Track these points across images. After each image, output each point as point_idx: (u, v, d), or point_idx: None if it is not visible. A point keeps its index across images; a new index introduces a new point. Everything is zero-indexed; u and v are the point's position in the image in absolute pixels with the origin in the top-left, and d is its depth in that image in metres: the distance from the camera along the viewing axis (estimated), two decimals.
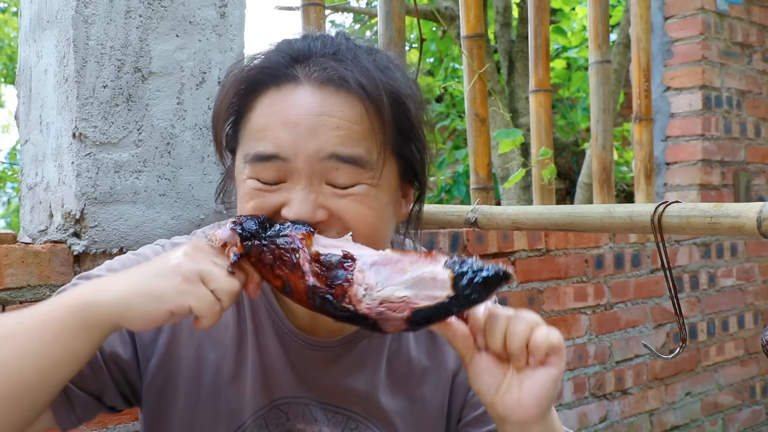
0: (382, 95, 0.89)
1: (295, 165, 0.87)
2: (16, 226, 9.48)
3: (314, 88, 0.88)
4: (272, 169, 0.88)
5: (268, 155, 0.88)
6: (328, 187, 0.88)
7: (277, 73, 0.90)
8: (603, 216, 1.24)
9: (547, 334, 0.81)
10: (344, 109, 0.88)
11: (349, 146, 0.87)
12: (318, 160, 0.87)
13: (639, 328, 2.66)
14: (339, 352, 1.00)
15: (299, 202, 0.86)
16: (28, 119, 1.54)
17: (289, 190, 0.88)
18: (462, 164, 5.44)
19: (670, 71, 3.06)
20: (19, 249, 1.33)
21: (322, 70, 0.89)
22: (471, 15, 1.83)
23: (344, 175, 0.88)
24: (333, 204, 0.88)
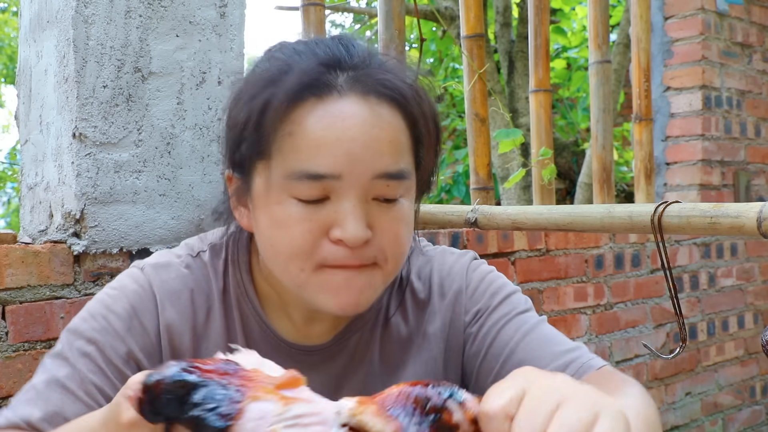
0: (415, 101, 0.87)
1: (347, 182, 0.83)
2: (16, 226, 9.48)
3: (359, 99, 0.84)
4: (318, 188, 0.83)
5: (323, 174, 0.82)
6: (375, 202, 0.85)
7: (315, 82, 0.84)
8: (603, 216, 1.24)
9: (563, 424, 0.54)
10: (391, 120, 0.85)
11: (397, 161, 0.85)
12: (370, 179, 0.83)
13: (639, 328, 2.66)
14: (333, 351, 1.00)
15: (355, 220, 0.82)
16: (28, 119, 1.54)
17: (336, 208, 0.83)
18: (462, 164, 5.44)
19: (670, 71, 3.06)
20: (19, 249, 1.33)
21: (361, 80, 0.85)
22: (471, 15, 1.83)
23: (392, 190, 0.85)
24: (377, 220, 0.85)
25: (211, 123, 1.51)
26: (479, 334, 1.00)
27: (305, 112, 0.83)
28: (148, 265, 0.98)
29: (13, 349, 1.32)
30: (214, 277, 0.98)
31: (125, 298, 0.94)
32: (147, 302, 0.95)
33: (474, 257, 1.08)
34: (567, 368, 0.93)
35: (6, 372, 1.30)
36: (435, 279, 1.05)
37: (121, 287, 0.96)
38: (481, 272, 1.05)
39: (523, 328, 0.98)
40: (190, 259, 0.99)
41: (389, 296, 1.03)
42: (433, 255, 1.07)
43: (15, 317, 1.31)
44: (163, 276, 0.96)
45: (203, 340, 0.97)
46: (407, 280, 1.04)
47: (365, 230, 0.83)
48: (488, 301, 1.02)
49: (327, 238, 0.84)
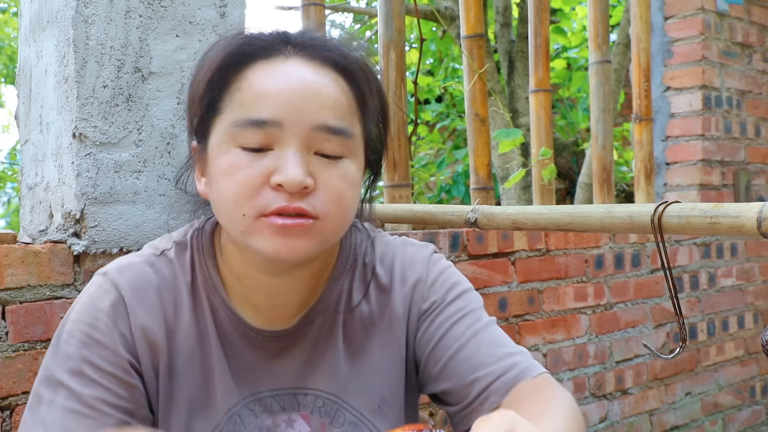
0: (366, 75, 0.95)
1: (288, 131, 0.88)
2: (16, 226, 9.48)
3: (304, 61, 0.92)
4: (261, 135, 0.88)
5: (264, 120, 0.88)
6: (316, 156, 0.90)
7: (266, 45, 0.92)
8: (603, 216, 1.24)
9: None
10: (333, 82, 0.92)
11: (339, 118, 0.91)
12: (311, 129, 0.89)
13: (639, 328, 2.66)
14: (298, 335, 1.03)
15: (294, 165, 0.87)
16: (28, 119, 1.54)
17: (278, 155, 0.88)
18: (462, 164, 5.44)
19: (670, 71, 3.05)
20: (19, 249, 1.33)
21: (306, 50, 0.93)
22: (471, 15, 1.83)
23: (333, 146, 0.90)
24: (320, 173, 0.90)
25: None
26: (433, 323, 1.05)
27: (254, 70, 0.91)
28: (111, 269, 1.00)
29: (13, 349, 1.32)
30: (181, 272, 1.01)
31: (96, 308, 0.96)
32: (117, 305, 0.97)
33: (434, 251, 1.12)
34: (509, 371, 0.98)
35: (6, 372, 1.30)
36: (397, 266, 1.08)
37: (89, 298, 0.98)
38: (440, 266, 1.10)
39: (475, 326, 1.03)
40: (153, 257, 1.02)
41: (351, 280, 1.07)
42: (395, 245, 1.12)
43: (15, 317, 1.32)
44: (127, 276, 0.99)
45: (175, 334, 0.99)
46: (371, 265, 1.08)
47: (304, 175, 0.87)
48: (445, 295, 1.06)
49: (268, 185, 0.88)
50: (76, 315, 0.97)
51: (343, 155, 0.92)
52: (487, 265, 2.15)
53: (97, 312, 0.96)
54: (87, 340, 0.94)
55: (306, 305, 1.03)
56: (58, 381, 0.93)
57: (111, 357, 0.94)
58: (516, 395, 0.96)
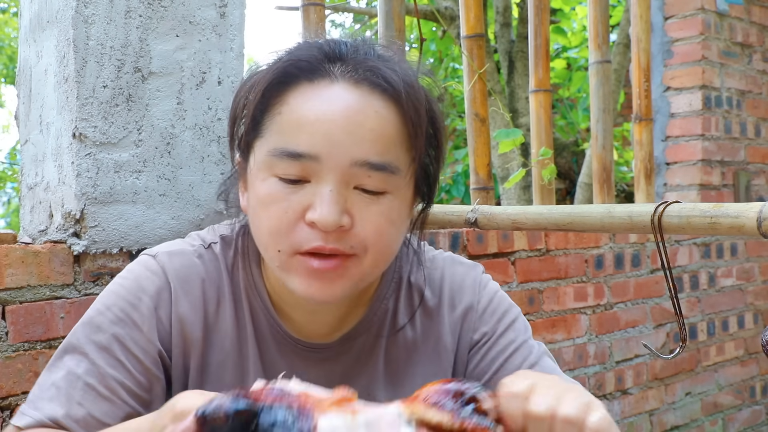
0: (422, 101, 0.87)
1: (326, 165, 0.83)
2: (16, 226, 9.48)
3: (350, 86, 0.85)
4: (298, 167, 0.83)
5: (300, 153, 0.83)
6: (356, 192, 0.85)
7: (310, 67, 0.86)
8: (603, 216, 1.24)
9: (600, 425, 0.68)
10: (381, 112, 0.85)
11: (381, 153, 0.84)
12: (350, 165, 0.83)
13: (639, 328, 2.66)
14: (338, 350, 1.00)
15: (328, 203, 0.82)
16: (28, 119, 1.54)
17: (314, 190, 0.84)
18: (462, 164, 5.44)
19: (670, 71, 3.05)
20: (19, 249, 1.33)
21: (357, 69, 0.86)
22: (471, 15, 1.83)
23: (375, 182, 0.85)
24: (358, 211, 0.85)
25: (211, 123, 1.51)
26: (486, 357, 1.02)
27: (295, 93, 0.86)
28: (162, 252, 0.97)
29: (13, 349, 1.32)
30: (224, 270, 0.98)
31: (140, 288, 0.94)
32: (162, 291, 0.94)
33: (483, 272, 1.08)
34: None
35: (6, 372, 1.30)
36: (446, 289, 1.04)
37: (135, 277, 0.95)
38: (490, 291, 1.05)
39: (530, 359, 1.00)
40: (202, 249, 0.99)
41: (396, 300, 1.03)
42: (443, 263, 1.06)
43: (15, 317, 1.31)
44: (176, 263, 0.96)
45: (213, 332, 0.97)
46: (417, 286, 1.04)
47: (339, 215, 0.83)
48: (496, 326, 1.02)
49: (303, 220, 0.84)
50: (118, 289, 0.94)
51: (386, 191, 0.86)
52: (487, 265, 2.15)
53: (140, 292, 0.93)
54: (124, 318, 0.92)
55: (347, 322, 1.00)
56: (84, 352, 0.90)
57: (144, 342, 0.92)
58: None
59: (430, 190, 0.97)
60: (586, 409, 0.68)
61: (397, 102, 0.86)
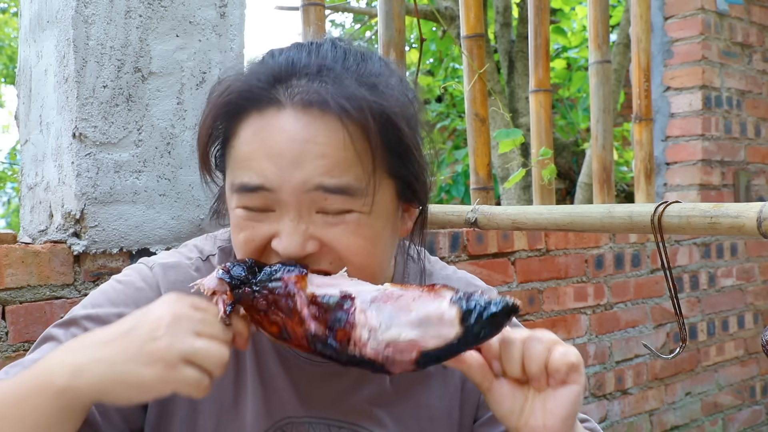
0: (368, 118, 0.83)
1: (281, 196, 0.83)
2: (16, 226, 9.48)
3: (297, 113, 0.83)
4: (259, 199, 0.84)
5: (253, 186, 0.84)
6: (319, 215, 0.84)
7: (257, 96, 0.85)
8: (603, 216, 1.24)
9: (564, 353, 0.80)
10: (329, 135, 0.83)
11: (335, 176, 0.83)
12: (305, 191, 0.83)
13: (639, 328, 2.66)
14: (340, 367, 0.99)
15: (288, 234, 0.83)
16: (28, 119, 1.54)
17: (278, 220, 0.85)
18: (461, 164, 5.44)
19: (670, 71, 3.05)
20: (19, 249, 1.33)
21: (304, 93, 0.84)
22: (471, 15, 1.83)
23: (334, 204, 0.84)
24: (324, 234, 0.84)
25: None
26: None
27: (246, 125, 0.86)
28: (158, 264, 0.96)
29: (13, 349, 1.32)
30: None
31: (129, 296, 0.93)
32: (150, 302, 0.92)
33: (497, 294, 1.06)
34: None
35: None
36: None
37: (128, 283, 0.95)
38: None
39: None
40: (200, 262, 0.98)
41: None
42: (457, 283, 1.04)
43: (15, 317, 1.31)
44: (172, 277, 0.95)
45: None
46: None
47: (300, 245, 0.83)
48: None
49: (271, 248, 0.85)
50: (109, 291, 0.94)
51: (350, 209, 0.84)
52: (487, 265, 2.15)
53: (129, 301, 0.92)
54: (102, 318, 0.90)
55: None
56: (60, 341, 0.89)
57: None
58: None
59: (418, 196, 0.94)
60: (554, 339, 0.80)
61: (350, 122, 0.83)
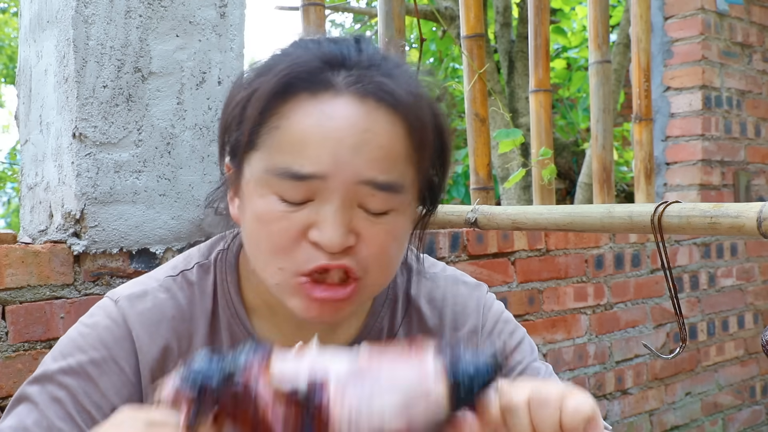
0: (429, 115, 0.83)
1: (331, 185, 0.78)
2: (16, 226, 9.48)
3: (355, 100, 0.79)
4: (302, 188, 0.79)
5: (306, 175, 0.78)
6: (360, 210, 0.81)
7: (310, 77, 0.80)
8: (603, 216, 1.24)
9: (576, 408, 0.69)
10: (388, 128, 0.80)
11: (387, 171, 0.80)
12: (356, 184, 0.79)
13: (639, 328, 2.66)
14: None
15: (333, 225, 0.78)
16: (28, 119, 1.54)
17: (317, 209, 0.79)
18: (462, 164, 5.44)
19: (670, 71, 3.05)
20: (19, 249, 1.33)
21: (363, 81, 0.80)
22: (471, 15, 1.83)
23: (379, 201, 0.81)
24: (364, 230, 0.81)
25: (211, 123, 1.51)
26: None
27: (295, 106, 0.80)
28: (123, 297, 0.92)
29: (13, 349, 1.32)
30: (200, 298, 0.93)
31: (98, 338, 0.89)
32: (122, 340, 0.89)
33: (487, 291, 1.05)
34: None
35: (6, 372, 1.30)
36: (448, 310, 1.01)
37: (94, 324, 0.90)
38: (495, 312, 1.03)
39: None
40: (169, 281, 0.94)
41: (391, 317, 0.99)
42: (445, 282, 1.03)
43: (15, 317, 1.31)
44: (139, 307, 0.91)
45: None
46: (414, 303, 1.00)
47: (344, 236, 0.79)
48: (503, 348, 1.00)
49: (306, 239, 0.80)
50: (77, 337, 0.89)
51: (391, 209, 0.82)
52: (487, 265, 2.15)
53: (98, 343, 0.88)
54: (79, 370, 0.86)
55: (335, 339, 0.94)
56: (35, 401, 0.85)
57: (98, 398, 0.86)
58: None
59: (434, 200, 0.93)
60: (562, 392, 0.68)
61: (404, 118, 0.81)
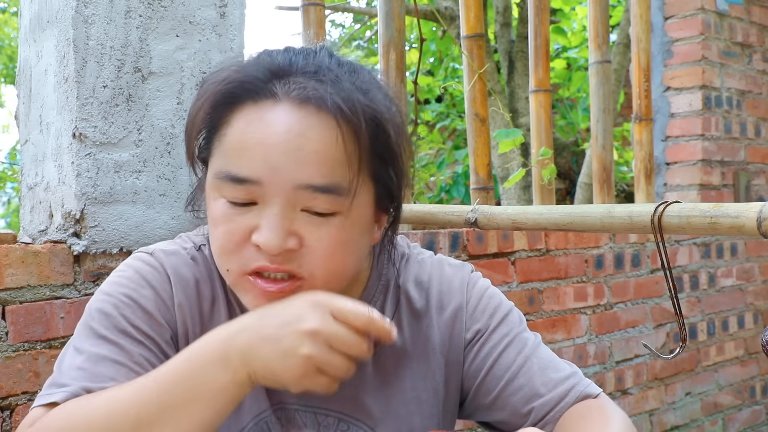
0: (361, 118, 0.85)
1: (269, 189, 0.83)
2: (16, 226, 9.49)
3: (293, 107, 0.84)
4: (243, 191, 0.84)
5: (242, 178, 0.83)
6: (303, 213, 0.85)
7: (255, 87, 0.86)
8: (603, 216, 1.24)
9: None
10: (323, 132, 0.84)
11: (326, 175, 0.83)
12: (293, 188, 0.83)
13: (639, 328, 2.66)
14: None
15: (270, 228, 0.83)
16: (28, 119, 1.54)
17: (260, 213, 0.84)
18: (462, 164, 5.44)
19: (670, 71, 3.05)
20: (19, 249, 1.33)
21: (301, 89, 0.84)
22: (471, 15, 1.83)
23: (322, 203, 0.84)
24: (307, 233, 0.85)
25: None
26: (480, 353, 1.02)
27: (240, 115, 0.85)
28: (158, 250, 0.98)
29: (13, 349, 1.32)
30: (215, 271, 0.99)
31: (143, 278, 0.94)
32: (163, 282, 0.95)
33: (472, 270, 1.08)
34: (564, 398, 0.97)
35: (6, 372, 1.30)
36: (433, 291, 1.04)
37: (135, 270, 0.95)
38: (480, 288, 1.05)
39: (524, 352, 1.00)
40: (194, 251, 1.00)
41: (383, 304, 1.02)
42: (431, 265, 1.07)
43: (15, 317, 1.31)
44: (173, 262, 0.97)
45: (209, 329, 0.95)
46: (403, 287, 1.04)
47: (282, 238, 0.83)
48: (488, 321, 1.03)
49: (250, 241, 0.85)
50: (119, 280, 0.94)
51: (336, 211, 0.85)
52: (487, 265, 2.15)
53: (143, 281, 0.94)
54: (131, 304, 0.91)
55: None
56: (101, 335, 0.89)
57: (156, 326, 0.92)
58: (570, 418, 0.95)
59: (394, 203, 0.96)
60: None
61: (341, 122, 0.84)
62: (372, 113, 0.87)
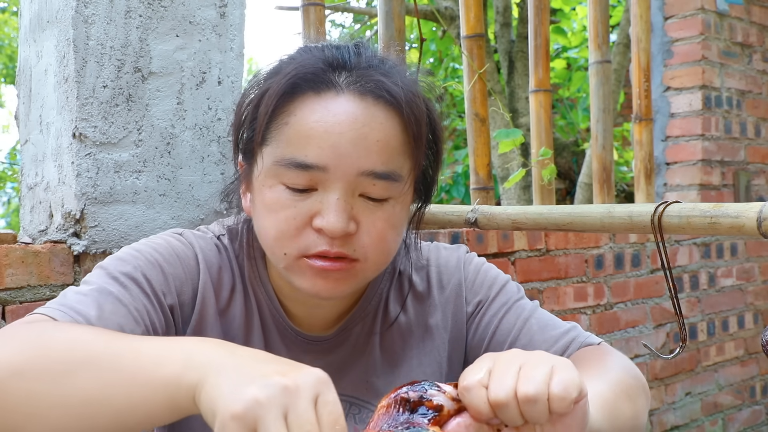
0: (416, 109, 0.91)
1: (333, 175, 0.87)
2: (16, 226, 9.49)
3: (355, 98, 0.89)
4: (306, 177, 0.87)
5: (309, 164, 0.87)
6: (361, 199, 0.89)
7: (316, 78, 0.89)
8: (603, 216, 1.24)
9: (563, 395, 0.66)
10: (385, 122, 0.89)
11: (386, 162, 0.89)
12: (357, 174, 0.87)
13: (639, 328, 2.66)
14: (336, 342, 1.04)
15: (335, 212, 0.86)
16: (28, 119, 1.54)
17: (321, 198, 0.88)
18: (462, 164, 5.44)
19: (670, 71, 3.06)
20: (19, 249, 1.33)
21: (362, 80, 0.89)
22: (471, 15, 1.83)
23: (379, 189, 0.89)
24: (364, 218, 0.89)
25: (211, 123, 1.51)
26: (482, 323, 1.06)
27: (302, 104, 0.89)
28: (187, 232, 1.01)
29: None
30: (234, 260, 1.02)
31: (173, 247, 0.97)
32: (190, 259, 0.97)
33: (467, 250, 1.13)
34: (567, 349, 1.00)
35: None
36: (433, 273, 1.09)
37: (167, 241, 0.97)
38: (476, 264, 1.10)
39: (523, 315, 1.04)
40: (216, 239, 1.03)
41: (388, 288, 1.07)
42: (428, 250, 1.12)
43: (15, 317, 1.31)
44: (202, 244, 1.00)
45: (225, 316, 1.00)
46: (405, 273, 1.09)
47: (346, 222, 0.87)
48: (487, 292, 1.07)
49: (310, 226, 0.88)
50: (149, 241, 0.96)
51: (389, 197, 0.90)
52: None
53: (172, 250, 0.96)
54: (153, 262, 0.93)
55: (344, 314, 1.04)
56: (114, 276, 0.90)
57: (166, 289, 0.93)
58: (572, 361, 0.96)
59: (428, 191, 1.02)
60: (547, 377, 0.66)
61: (400, 112, 0.90)
62: (425, 105, 0.94)
